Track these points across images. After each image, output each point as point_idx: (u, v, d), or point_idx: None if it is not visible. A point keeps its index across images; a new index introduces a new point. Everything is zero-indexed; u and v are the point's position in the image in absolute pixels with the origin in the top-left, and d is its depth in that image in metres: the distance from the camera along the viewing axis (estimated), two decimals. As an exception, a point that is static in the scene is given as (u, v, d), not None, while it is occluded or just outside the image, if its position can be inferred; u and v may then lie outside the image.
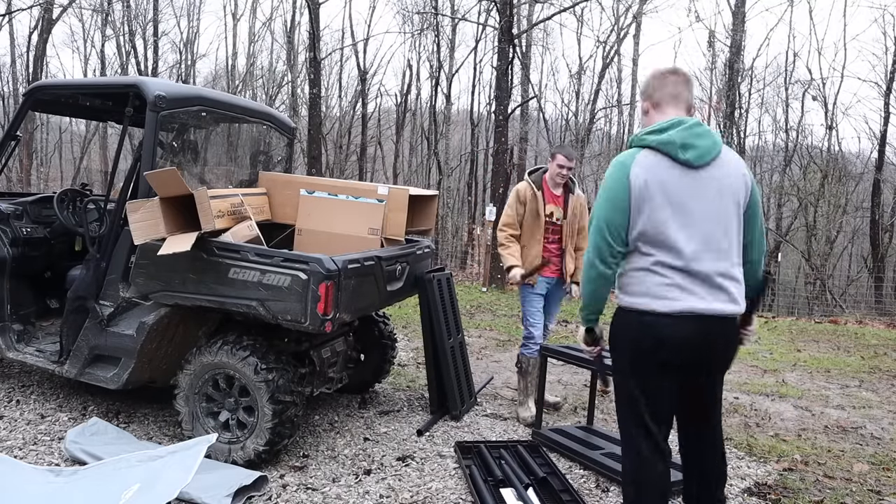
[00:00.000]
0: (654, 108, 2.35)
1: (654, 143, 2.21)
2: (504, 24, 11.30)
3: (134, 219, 3.20)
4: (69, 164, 26.51)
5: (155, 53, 22.98)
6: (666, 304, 2.17)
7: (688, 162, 2.19)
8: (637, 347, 2.25)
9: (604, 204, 2.24)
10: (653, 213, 2.18)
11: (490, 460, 3.38)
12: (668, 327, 2.17)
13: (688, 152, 2.19)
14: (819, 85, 18.19)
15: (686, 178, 2.20)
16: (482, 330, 7.31)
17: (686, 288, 2.17)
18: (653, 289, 2.19)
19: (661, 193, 2.18)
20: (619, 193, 2.20)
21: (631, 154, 2.24)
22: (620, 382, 2.36)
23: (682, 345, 2.18)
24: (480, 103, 27.06)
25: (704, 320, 2.18)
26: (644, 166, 2.19)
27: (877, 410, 5.03)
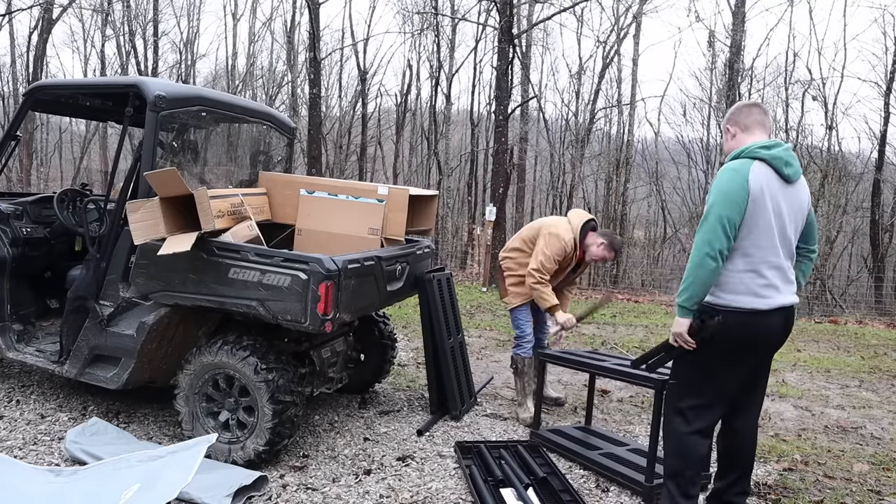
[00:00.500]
0: (742, 132, 2.71)
1: (766, 157, 2.55)
2: (504, 24, 11.30)
3: (134, 219, 3.20)
4: (69, 164, 26.50)
5: (155, 53, 22.98)
6: (765, 301, 2.55)
7: (788, 177, 2.57)
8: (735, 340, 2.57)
9: (723, 203, 2.49)
10: (763, 218, 2.52)
11: (490, 460, 3.38)
12: (763, 321, 2.56)
13: (789, 168, 2.57)
14: (819, 85, 18.19)
15: (784, 190, 2.57)
16: (482, 330, 7.31)
17: (778, 287, 2.58)
18: (754, 289, 2.54)
19: (771, 201, 2.53)
20: (738, 195, 2.49)
21: (745, 164, 2.54)
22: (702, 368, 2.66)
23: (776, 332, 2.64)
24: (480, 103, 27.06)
25: (787, 309, 2.63)
26: (759, 175, 2.52)
27: (877, 410, 5.03)
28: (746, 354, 2.62)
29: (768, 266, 2.55)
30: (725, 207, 2.49)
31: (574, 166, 19.92)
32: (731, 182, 2.51)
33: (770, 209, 2.52)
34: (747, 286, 2.54)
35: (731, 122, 2.75)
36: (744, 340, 2.57)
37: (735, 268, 2.55)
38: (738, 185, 2.49)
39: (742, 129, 2.71)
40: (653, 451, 3.14)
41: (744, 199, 2.49)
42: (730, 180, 2.52)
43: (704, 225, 2.52)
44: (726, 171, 2.57)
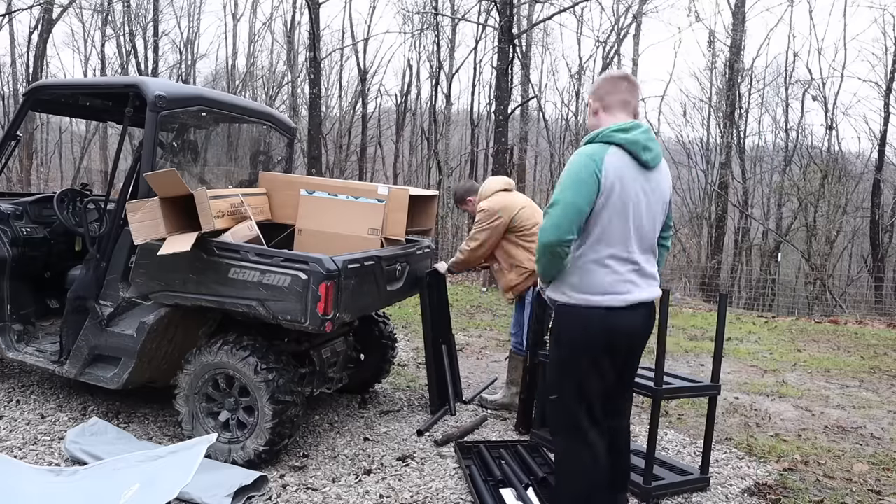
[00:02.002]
0: (604, 110, 2.48)
1: (622, 142, 2.36)
2: (504, 24, 11.30)
3: (134, 219, 3.20)
4: (69, 164, 26.50)
5: (155, 53, 22.99)
6: (620, 298, 2.37)
7: (646, 163, 2.39)
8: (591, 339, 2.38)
9: (572, 189, 2.31)
10: (615, 208, 2.33)
11: (490, 460, 3.38)
12: (621, 318, 2.38)
13: (648, 153, 2.39)
14: (819, 85, 18.19)
15: (641, 177, 2.39)
16: (482, 330, 7.31)
17: (634, 281, 2.40)
18: (608, 285, 2.36)
19: (624, 191, 2.34)
20: (588, 184, 2.30)
21: (600, 149, 2.35)
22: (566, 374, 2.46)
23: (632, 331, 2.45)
24: (480, 103, 27.08)
25: (647, 306, 2.48)
26: (614, 163, 2.33)
27: (877, 410, 5.03)
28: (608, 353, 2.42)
29: (622, 261, 2.37)
30: (574, 194, 2.30)
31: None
32: (581, 169, 2.32)
33: (625, 200, 2.33)
34: (601, 282, 2.36)
35: (595, 95, 2.51)
36: (604, 339, 2.38)
37: (587, 264, 2.37)
38: (589, 174, 2.30)
39: (604, 106, 2.48)
40: (650, 452, 3.15)
41: (592, 190, 2.29)
42: (581, 167, 2.32)
43: (553, 210, 2.32)
44: (580, 157, 2.36)
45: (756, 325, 8.86)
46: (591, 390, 2.43)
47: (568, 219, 2.30)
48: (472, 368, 5.56)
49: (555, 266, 2.40)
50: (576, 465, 2.47)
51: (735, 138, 17.65)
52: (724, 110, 16.45)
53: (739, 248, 18.57)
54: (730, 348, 6.98)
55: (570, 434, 2.47)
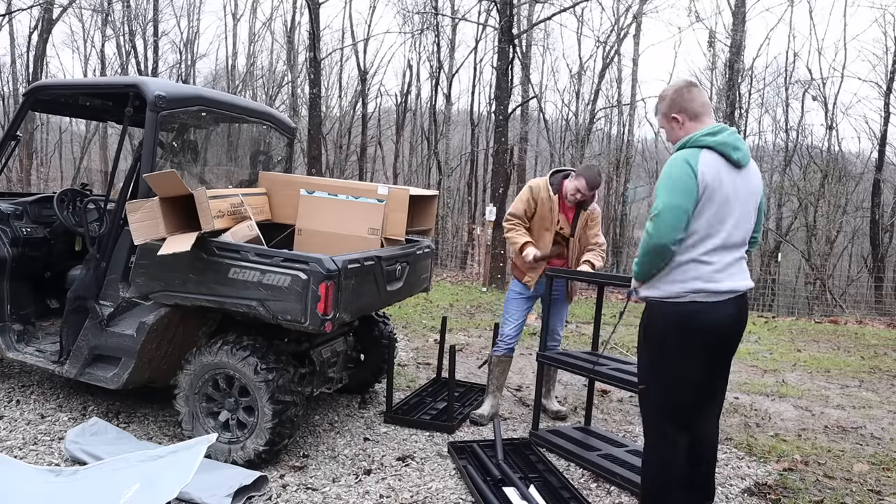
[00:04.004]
0: (691, 120, 2.59)
1: (713, 144, 2.47)
2: (504, 24, 11.30)
3: (134, 219, 3.20)
4: (69, 164, 26.51)
5: (155, 53, 23.00)
6: (713, 285, 2.47)
7: (738, 162, 2.50)
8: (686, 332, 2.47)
9: (674, 192, 2.43)
10: (713, 208, 2.45)
11: (485, 459, 3.38)
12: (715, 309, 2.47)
13: (737, 153, 2.50)
14: (819, 85, 18.20)
15: (734, 176, 2.50)
16: (482, 330, 7.31)
17: (730, 273, 2.50)
18: (703, 277, 2.46)
19: (721, 189, 2.45)
20: (689, 185, 2.42)
21: (694, 153, 2.47)
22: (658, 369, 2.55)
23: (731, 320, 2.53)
24: (480, 103, 27.11)
25: (740, 297, 2.55)
26: (709, 164, 2.45)
27: (877, 410, 5.03)
28: (699, 347, 2.49)
29: (716, 253, 2.48)
30: (678, 196, 2.42)
31: (574, 166, 19.90)
32: (679, 172, 2.44)
33: (720, 197, 2.45)
34: (693, 273, 2.46)
35: (676, 108, 2.61)
36: (693, 330, 2.47)
37: (680, 258, 2.48)
38: (688, 176, 2.42)
39: (690, 116, 2.59)
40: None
41: (693, 190, 2.42)
42: (679, 170, 2.45)
43: (661, 215, 2.42)
44: (675, 162, 2.48)
45: (756, 325, 8.86)
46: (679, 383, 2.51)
47: (677, 220, 2.42)
48: (471, 368, 5.56)
49: (658, 266, 2.51)
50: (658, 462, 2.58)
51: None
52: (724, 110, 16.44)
53: (739, 248, 18.51)
54: (730, 348, 6.97)
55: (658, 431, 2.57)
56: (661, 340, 2.52)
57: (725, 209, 2.47)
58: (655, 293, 2.54)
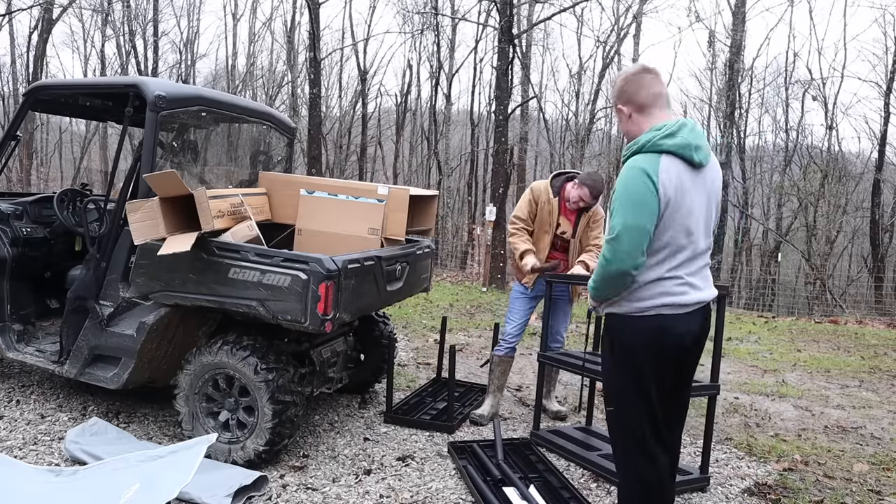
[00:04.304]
0: (638, 112, 2.31)
1: (673, 149, 2.20)
2: (504, 24, 11.30)
3: (134, 219, 3.20)
4: (69, 164, 26.51)
5: (155, 53, 23.00)
6: (680, 298, 2.25)
7: (700, 164, 2.24)
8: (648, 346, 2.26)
9: (633, 211, 2.16)
10: (677, 223, 2.21)
11: (485, 459, 3.38)
12: (682, 322, 2.26)
13: (699, 153, 2.23)
14: (819, 85, 18.20)
15: (695, 179, 2.25)
16: (482, 330, 7.31)
17: (692, 283, 2.28)
18: (670, 289, 2.25)
19: (685, 200, 2.21)
20: (649, 201, 2.15)
21: (652, 160, 2.18)
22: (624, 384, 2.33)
23: (695, 332, 2.32)
24: (480, 103, 27.10)
25: (704, 307, 2.34)
26: (670, 173, 2.18)
27: (877, 410, 5.03)
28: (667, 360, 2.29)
29: (682, 266, 2.25)
30: (639, 217, 2.15)
31: (574, 166, 19.91)
32: (639, 186, 2.16)
33: (685, 206, 2.21)
34: (660, 288, 2.24)
35: (622, 98, 2.33)
36: (661, 345, 2.26)
37: (643, 278, 2.24)
38: (647, 191, 2.15)
39: (637, 108, 2.31)
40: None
41: (654, 209, 2.15)
42: (639, 184, 2.16)
43: (619, 238, 2.16)
44: (632, 173, 2.19)
45: (756, 325, 8.86)
46: (650, 400, 2.30)
47: (637, 244, 2.16)
48: (471, 368, 5.56)
49: (618, 290, 2.27)
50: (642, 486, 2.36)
51: (735, 138, 17.65)
52: (724, 110, 16.44)
53: (739, 248, 18.58)
54: (730, 348, 6.98)
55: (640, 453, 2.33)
56: (631, 356, 2.29)
57: (690, 220, 2.22)
58: (619, 310, 2.31)
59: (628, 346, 2.30)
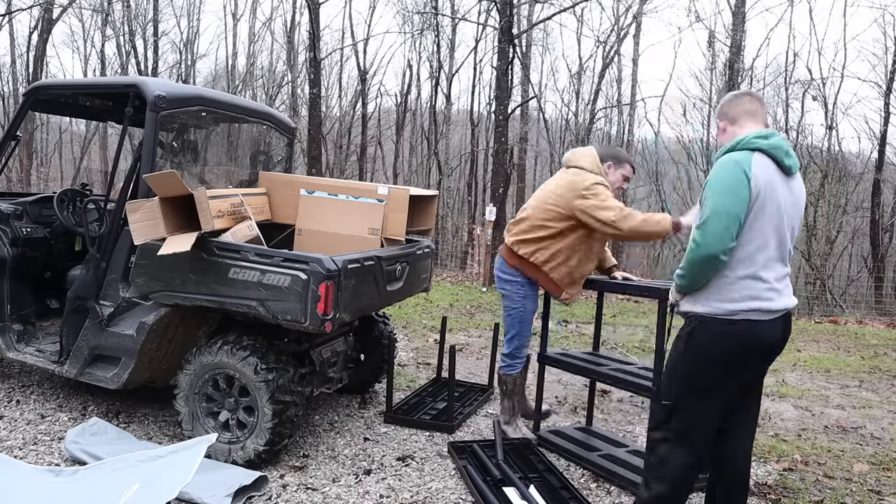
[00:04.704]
0: (731, 124, 2.48)
1: (765, 147, 2.31)
2: (504, 24, 11.30)
3: (134, 219, 3.20)
4: (69, 164, 26.49)
5: (155, 53, 22.98)
6: (768, 304, 2.31)
7: (789, 169, 2.35)
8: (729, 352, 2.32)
9: (725, 197, 2.25)
10: (768, 215, 2.29)
11: (485, 459, 3.38)
12: (764, 328, 2.32)
13: (789, 159, 2.34)
14: (819, 85, 18.19)
15: (784, 183, 2.35)
16: (482, 330, 7.31)
17: (779, 290, 2.35)
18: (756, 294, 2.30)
19: (774, 196, 2.30)
20: (741, 189, 2.25)
21: (745, 155, 2.30)
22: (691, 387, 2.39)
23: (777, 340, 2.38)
24: (480, 103, 27.06)
25: (786, 314, 2.41)
26: (762, 167, 2.29)
27: (877, 410, 5.03)
28: (746, 366, 2.37)
29: (770, 267, 2.32)
30: (731, 203, 2.24)
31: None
32: (731, 175, 2.27)
33: (774, 203, 2.29)
34: (748, 292, 2.29)
35: (720, 115, 2.53)
36: (745, 352, 2.33)
37: (735, 272, 2.30)
38: (739, 180, 2.25)
39: (731, 121, 2.48)
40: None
41: (746, 196, 2.24)
42: (732, 173, 2.27)
43: (710, 221, 2.25)
44: (726, 163, 2.31)
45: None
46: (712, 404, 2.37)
47: (727, 227, 2.24)
48: (472, 368, 5.56)
49: (706, 277, 2.32)
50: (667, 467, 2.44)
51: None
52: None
53: (739, 248, 18.52)
54: (730, 348, 6.97)
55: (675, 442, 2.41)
56: (709, 358, 2.34)
57: (778, 218, 2.30)
58: (704, 309, 2.34)
59: (709, 349, 2.34)
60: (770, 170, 2.30)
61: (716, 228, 2.25)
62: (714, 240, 2.24)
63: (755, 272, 2.30)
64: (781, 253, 2.35)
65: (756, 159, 2.29)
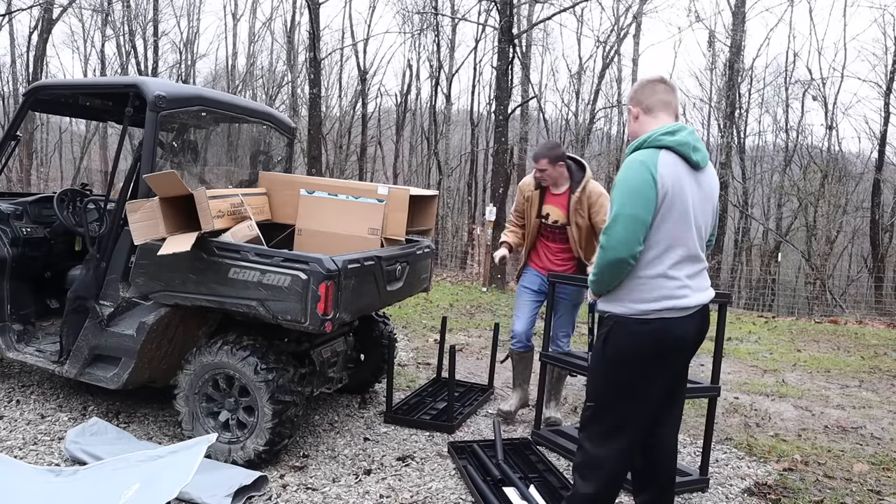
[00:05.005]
0: (645, 113, 2.44)
1: (671, 144, 2.30)
2: (504, 24, 11.30)
3: (134, 219, 3.20)
4: (69, 164, 26.50)
5: (155, 53, 23.00)
6: (681, 301, 2.31)
7: (696, 164, 2.33)
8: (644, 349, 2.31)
9: (631, 200, 2.23)
10: (676, 215, 2.27)
11: (485, 459, 3.38)
12: (677, 325, 2.31)
13: (697, 154, 2.33)
14: (819, 85, 18.20)
15: (693, 179, 2.33)
16: (482, 330, 7.30)
17: (691, 286, 2.34)
18: (667, 293, 2.29)
19: (682, 195, 2.28)
20: (647, 192, 2.23)
21: (651, 154, 2.28)
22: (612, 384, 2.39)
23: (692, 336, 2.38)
24: (480, 103, 27.07)
25: (702, 310, 2.41)
26: (669, 167, 2.27)
27: (877, 410, 5.03)
28: (664, 364, 2.35)
29: (681, 265, 2.31)
30: (635, 206, 2.22)
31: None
32: (636, 176, 2.25)
33: (682, 201, 2.27)
34: (661, 290, 2.29)
35: (634, 100, 2.46)
36: (660, 349, 2.31)
37: (646, 272, 2.29)
38: (644, 181, 2.23)
39: (645, 109, 2.44)
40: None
41: (651, 198, 2.23)
42: (638, 175, 2.25)
43: (616, 226, 2.24)
44: (632, 164, 2.29)
45: (756, 325, 8.86)
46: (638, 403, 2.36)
47: (634, 233, 2.23)
48: (472, 368, 5.56)
49: (616, 280, 2.32)
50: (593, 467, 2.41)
51: (735, 138, 17.65)
52: (724, 110, 16.45)
53: (739, 248, 18.57)
54: (730, 348, 6.98)
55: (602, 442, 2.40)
56: (625, 357, 2.34)
57: (687, 217, 2.29)
58: (620, 309, 2.34)
59: (625, 348, 2.34)
60: (677, 167, 2.29)
61: (621, 234, 2.24)
62: (620, 244, 2.25)
63: (665, 272, 2.29)
64: (693, 250, 2.33)
65: (662, 158, 2.27)
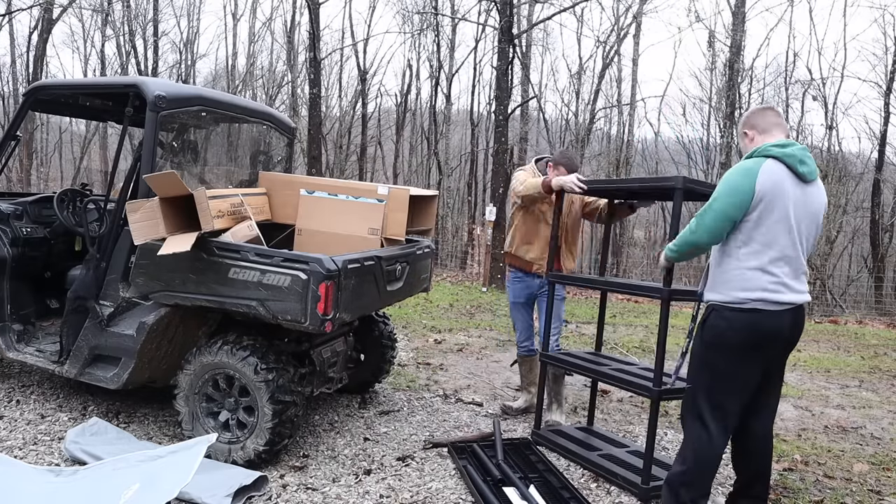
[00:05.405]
0: (760, 134, 2.72)
1: (778, 154, 2.55)
2: (504, 24, 11.30)
3: (134, 219, 3.20)
4: (69, 164, 26.49)
5: (155, 53, 22.99)
6: (775, 296, 2.55)
7: (803, 176, 2.56)
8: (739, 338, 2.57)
9: (725, 198, 2.55)
10: (776, 215, 2.52)
11: (485, 459, 3.38)
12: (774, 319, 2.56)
13: (803, 167, 2.56)
14: (819, 85, 18.19)
15: (798, 189, 2.56)
16: (482, 330, 7.31)
17: (788, 284, 2.57)
18: (764, 285, 2.54)
19: (782, 199, 2.52)
20: (742, 193, 2.52)
21: (758, 161, 2.56)
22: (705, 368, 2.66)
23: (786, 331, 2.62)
24: (480, 103, 27.07)
25: (797, 309, 2.63)
26: (771, 173, 2.52)
27: (877, 410, 5.03)
28: (755, 354, 2.60)
29: (779, 263, 2.55)
30: (729, 204, 2.54)
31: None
32: (739, 179, 2.54)
33: (782, 206, 2.52)
34: (758, 283, 2.54)
35: (748, 125, 2.77)
36: (751, 338, 2.56)
37: (745, 265, 2.56)
38: (746, 182, 2.52)
39: (760, 131, 2.72)
40: (649, 452, 3.14)
41: (748, 197, 2.51)
42: (738, 177, 2.55)
43: (707, 216, 2.59)
44: (737, 169, 2.59)
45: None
46: (729, 387, 2.62)
47: (717, 224, 2.58)
48: (472, 368, 5.56)
49: (692, 257, 2.78)
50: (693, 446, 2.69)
51: (735, 138, 17.64)
52: (724, 110, 16.45)
53: (739, 248, 18.51)
54: (730, 348, 6.97)
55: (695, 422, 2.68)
56: (719, 342, 2.61)
57: (787, 221, 2.53)
58: (719, 297, 2.62)
59: (720, 332, 2.61)
60: (781, 176, 2.53)
61: (709, 224, 2.60)
62: (705, 232, 2.62)
63: (763, 266, 2.54)
64: (791, 253, 2.56)
65: (767, 166, 2.53)
